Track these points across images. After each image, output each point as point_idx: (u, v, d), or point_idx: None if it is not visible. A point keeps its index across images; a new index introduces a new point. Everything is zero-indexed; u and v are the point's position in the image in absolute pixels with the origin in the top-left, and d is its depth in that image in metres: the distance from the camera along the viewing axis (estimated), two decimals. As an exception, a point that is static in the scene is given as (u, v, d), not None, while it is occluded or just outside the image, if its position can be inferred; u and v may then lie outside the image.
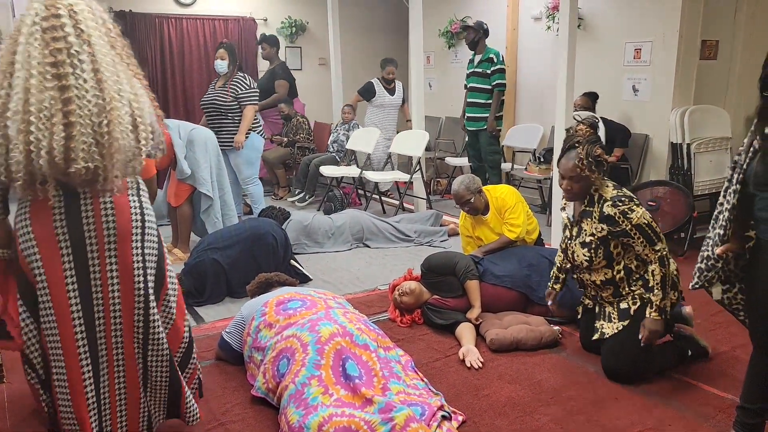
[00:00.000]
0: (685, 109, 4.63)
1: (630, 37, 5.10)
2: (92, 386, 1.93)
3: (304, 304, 2.69)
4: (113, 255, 1.90)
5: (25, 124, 1.72)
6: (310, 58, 8.18)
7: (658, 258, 2.51)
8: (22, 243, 1.86)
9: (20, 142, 1.72)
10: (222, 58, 4.98)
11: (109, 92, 1.80)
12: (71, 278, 1.86)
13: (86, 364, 1.90)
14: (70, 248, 1.85)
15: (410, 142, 5.83)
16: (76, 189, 1.83)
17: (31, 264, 1.86)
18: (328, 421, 2.11)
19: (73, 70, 1.76)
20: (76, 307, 1.88)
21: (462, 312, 3.18)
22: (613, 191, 2.59)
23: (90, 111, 1.77)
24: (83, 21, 1.80)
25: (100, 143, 1.78)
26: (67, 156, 1.74)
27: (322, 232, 4.72)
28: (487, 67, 5.54)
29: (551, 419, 2.38)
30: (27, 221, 1.84)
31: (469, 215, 3.74)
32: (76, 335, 1.88)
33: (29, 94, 1.73)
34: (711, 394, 2.54)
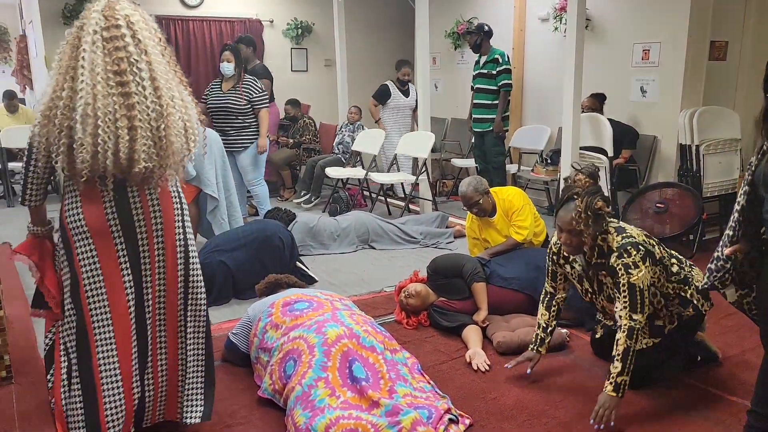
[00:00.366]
0: (694, 111, 4.60)
1: (638, 38, 5.07)
2: (137, 365, 2.07)
3: (310, 305, 2.68)
4: (161, 242, 2.06)
5: (92, 126, 1.86)
6: (316, 60, 8.18)
7: (628, 328, 2.23)
8: (75, 234, 1.97)
9: (88, 143, 1.86)
10: (228, 61, 5.00)
11: (165, 99, 1.96)
12: (125, 265, 2.02)
13: (134, 344, 2.06)
14: (122, 237, 2.00)
15: (416, 143, 5.83)
16: (125, 185, 1.98)
17: (83, 254, 1.98)
18: (335, 424, 2.10)
19: (133, 78, 1.91)
20: (131, 290, 2.03)
21: (469, 314, 3.17)
22: (619, 239, 2.33)
23: (149, 116, 1.93)
24: (139, 31, 1.95)
25: (158, 145, 1.95)
26: (131, 157, 1.91)
27: (327, 234, 4.72)
28: (492, 67, 5.55)
29: (559, 423, 2.36)
30: (79, 215, 1.97)
31: (476, 217, 3.73)
32: (131, 319, 2.04)
33: (95, 98, 1.87)
34: (721, 398, 2.52)
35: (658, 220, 4.49)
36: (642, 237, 2.37)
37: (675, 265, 2.45)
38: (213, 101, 5.12)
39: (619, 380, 2.23)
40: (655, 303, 2.39)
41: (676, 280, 2.42)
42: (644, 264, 2.27)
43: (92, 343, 2.01)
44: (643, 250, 2.29)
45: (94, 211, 1.97)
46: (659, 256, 2.39)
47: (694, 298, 2.44)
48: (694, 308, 2.42)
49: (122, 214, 2.00)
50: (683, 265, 2.50)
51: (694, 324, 2.50)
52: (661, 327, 2.44)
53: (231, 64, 5.02)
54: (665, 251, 2.47)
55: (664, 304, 2.41)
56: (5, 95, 7.20)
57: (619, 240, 2.32)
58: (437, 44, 7.19)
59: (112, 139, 1.88)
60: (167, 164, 1.98)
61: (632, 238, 2.32)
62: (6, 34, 9.96)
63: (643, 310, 2.25)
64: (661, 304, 2.40)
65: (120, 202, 2.00)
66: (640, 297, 2.25)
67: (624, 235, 2.33)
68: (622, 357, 2.23)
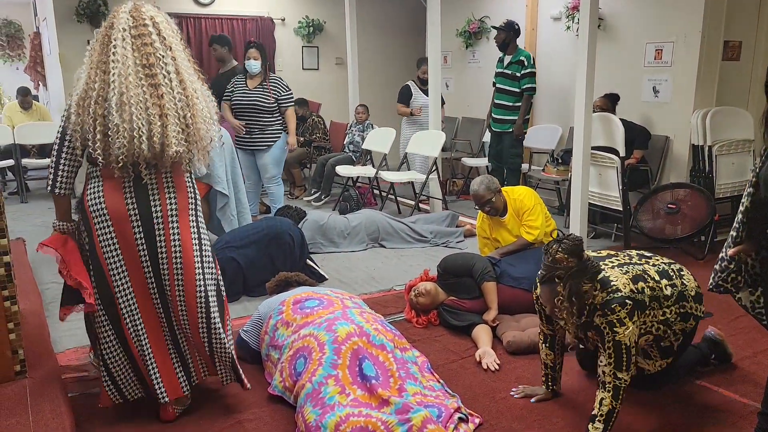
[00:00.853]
0: (707, 111, 4.57)
1: (651, 38, 5.04)
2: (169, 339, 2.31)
3: (321, 303, 2.69)
4: (176, 227, 2.23)
5: (128, 114, 2.05)
6: (327, 58, 8.20)
7: (613, 387, 2.07)
8: (97, 221, 2.16)
9: (124, 129, 2.05)
10: (255, 58, 5.02)
11: (189, 89, 2.17)
12: (142, 248, 2.19)
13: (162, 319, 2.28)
14: (140, 222, 2.18)
15: (427, 142, 5.82)
16: (142, 175, 2.15)
17: (105, 239, 2.17)
18: (345, 421, 2.12)
19: (161, 71, 2.12)
20: (148, 271, 2.21)
21: (478, 314, 3.17)
22: (603, 295, 2.11)
23: (176, 104, 2.13)
24: (164, 30, 2.17)
25: (185, 131, 2.15)
26: (163, 142, 2.10)
27: (337, 232, 4.73)
28: (517, 69, 5.45)
29: (568, 423, 2.36)
30: (101, 201, 2.16)
31: (486, 217, 3.72)
32: (154, 299, 2.25)
33: (128, 89, 2.06)
34: (732, 400, 2.50)
35: (669, 220, 4.47)
36: (629, 287, 2.15)
37: (668, 287, 2.27)
38: (239, 98, 5.11)
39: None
40: (654, 331, 2.28)
41: (672, 303, 2.27)
42: (631, 320, 2.09)
43: (123, 323, 2.22)
44: (629, 305, 2.09)
45: (115, 197, 2.15)
46: (650, 294, 2.20)
47: (694, 310, 2.33)
48: (695, 318, 2.34)
49: (140, 200, 2.17)
50: (673, 278, 2.32)
51: (694, 330, 2.41)
52: (670, 347, 2.34)
53: (258, 62, 5.02)
54: (654, 278, 2.27)
55: (665, 328, 2.29)
56: (19, 92, 7.28)
57: (604, 296, 2.11)
58: (449, 43, 7.18)
59: (146, 125, 2.07)
60: (195, 149, 2.19)
61: (618, 292, 2.11)
62: (20, 31, 10.04)
63: (629, 368, 2.08)
64: (661, 330, 2.28)
65: (138, 189, 2.17)
66: (626, 355, 2.07)
67: (609, 290, 2.12)
68: (605, 419, 2.06)
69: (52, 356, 2.70)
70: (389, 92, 8.50)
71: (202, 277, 2.27)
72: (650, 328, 2.26)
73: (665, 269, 2.34)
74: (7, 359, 2.41)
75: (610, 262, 2.30)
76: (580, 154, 4.29)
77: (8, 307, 2.40)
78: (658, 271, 2.32)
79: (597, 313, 2.10)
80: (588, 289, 2.08)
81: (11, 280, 2.40)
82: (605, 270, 2.20)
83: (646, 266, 2.32)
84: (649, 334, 2.27)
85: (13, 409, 2.23)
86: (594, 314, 2.11)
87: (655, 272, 2.30)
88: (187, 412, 2.42)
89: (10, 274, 2.39)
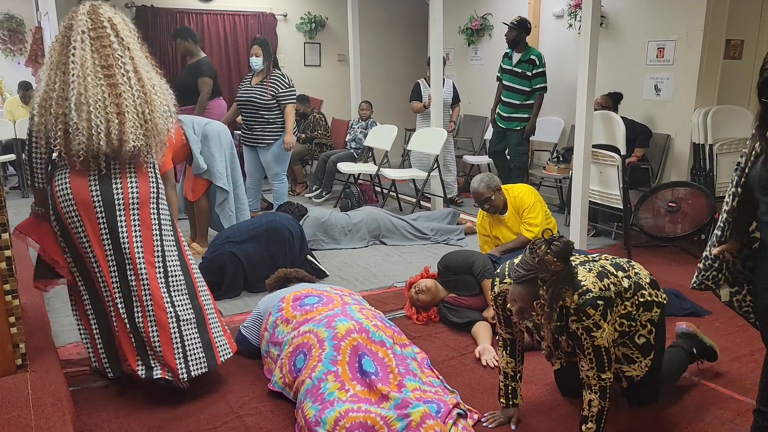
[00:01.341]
0: (708, 110, 4.57)
1: (653, 36, 5.04)
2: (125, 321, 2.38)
3: (320, 300, 2.70)
4: (137, 216, 2.35)
5: (86, 113, 2.19)
6: (329, 54, 8.20)
7: (600, 388, 2.06)
8: (63, 205, 2.31)
9: (83, 128, 2.20)
10: (257, 55, 5.01)
11: (147, 86, 2.31)
12: (105, 232, 2.32)
13: (121, 303, 2.36)
14: (103, 208, 2.31)
15: (428, 139, 5.82)
16: (108, 165, 2.30)
17: (72, 222, 2.32)
18: (345, 416, 2.13)
19: (119, 70, 2.25)
20: (110, 256, 2.34)
21: (478, 311, 3.18)
22: (575, 298, 2.00)
23: (135, 101, 2.27)
24: (121, 31, 2.30)
25: (144, 127, 2.29)
26: (121, 138, 2.24)
27: (339, 229, 4.73)
28: (527, 68, 5.38)
29: (566, 420, 2.37)
30: (67, 188, 2.30)
31: (487, 215, 3.73)
32: (113, 281, 2.35)
33: (86, 89, 2.19)
34: (729, 398, 2.51)
35: (669, 219, 4.47)
36: (598, 286, 2.05)
37: (624, 279, 2.19)
38: (240, 95, 5.13)
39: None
40: (617, 326, 2.16)
41: (631, 295, 2.18)
42: (605, 321, 2.03)
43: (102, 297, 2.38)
44: (601, 306, 2.02)
45: (81, 185, 2.30)
46: (615, 291, 2.12)
47: (653, 296, 2.21)
48: (658, 305, 2.22)
49: (104, 188, 2.31)
50: (627, 269, 2.24)
51: (664, 317, 2.28)
52: (647, 342, 2.22)
53: (259, 59, 5.01)
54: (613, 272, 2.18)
55: (628, 323, 2.19)
56: (20, 86, 7.29)
57: (576, 299, 2.00)
58: (451, 40, 7.17)
59: (104, 123, 2.21)
60: (153, 143, 2.34)
61: (589, 293, 2.01)
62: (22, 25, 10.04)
63: (610, 367, 2.06)
64: (625, 325, 2.18)
65: (103, 178, 2.31)
66: (606, 356, 2.04)
67: (580, 291, 2.02)
68: (597, 418, 2.07)
69: (53, 350, 2.71)
70: (391, 89, 8.52)
71: (163, 267, 2.40)
72: (614, 324, 2.15)
73: (618, 262, 2.27)
74: (9, 353, 2.42)
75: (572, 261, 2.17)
76: (581, 152, 4.29)
77: (9, 301, 2.40)
78: (613, 264, 2.24)
79: (571, 317, 2.01)
80: (568, 296, 2.00)
81: (13, 275, 2.41)
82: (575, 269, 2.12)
83: (602, 261, 2.24)
84: (614, 332, 2.16)
85: (15, 402, 2.24)
86: (568, 318, 2.02)
87: (611, 265, 2.22)
88: (187, 407, 2.43)
89: (11, 268, 2.40)
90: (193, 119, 4.46)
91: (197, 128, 4.36)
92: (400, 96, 8.68)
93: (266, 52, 5.04)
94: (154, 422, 2.33)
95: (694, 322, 3.03)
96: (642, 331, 2.20)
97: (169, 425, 2.31)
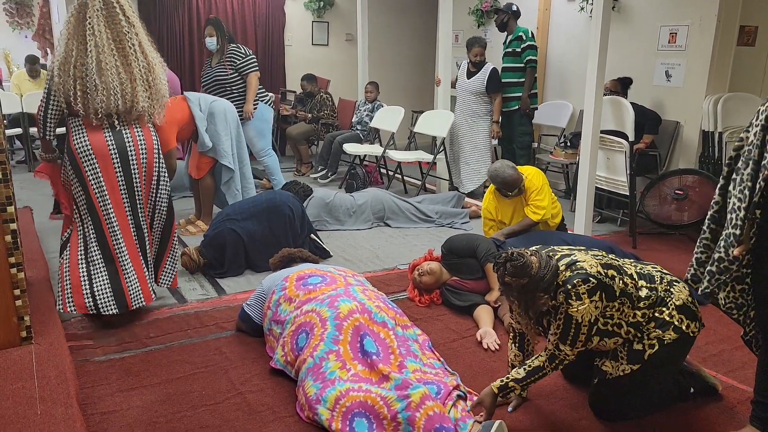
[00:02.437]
0: (719, 97, 4.52)
1: (665, 21, 4.97)
2: (140, 250, 2.93)
3: (323, 280, 2.70)
4: (144, 161, 2.88)
5: (105, 77, 2.67)
6: (337, 34, 8.13)
7: (551, 354, 2.09)
8: (82, 156, 2.75)
9: (101, 89, 2.67)
10: (210, 35, 5.02)
11: (149, 58, 2.81)
12: (121, 179, 2.82)
13: (135, 235, 2.90)
14: (118, 156, 2.80)
15: (435, 122, 5.79)
16: (115, 122, 2.78)
17: (92, 172, 2.77)
18: (345, 395, 2.14)
19: (128, 43, 2.73)
20: (125, 197, 2.84)
21: (481, 294, 3.18)
22: (567, 274, 2.04)
23: (141, 70, 2.78)
24: (127, 11, 2.77)
25: (148, 91, 2.82)
26: (133, 99, 2.76)
27: (343, 210, 4.73)
28: (517, 45, 5.52)
29: (567, 403, 2.38)
30: (86, 141, 2.76)
31: (492, 198, 3.72)
32: (128, 217, 2.86)
33: (101, 57, 2.66)
34: (730, 386, 2.51)
35: (676, 206, 4.45)
36: (597, 269, 2.04)
37: (644, 288, 2.14)
38: (204, 78, 5.13)
39: (511, 384, 2.12)
40: (623, 334, 2.12)
41: (645, 306, 2.12)
42: (589, 298, 1.99)
43: (107, 234, 2.82)
44: (593, 283, 1.99)
45: (98, 138, 2.76)
46: (621, 287, 2.08)
47: (675, 319, 2.11)
48: (676, 330, 2.11)
49: (118, 142, 2.79)
50: (657, 283, 2.18)
51: (680, 349, 2.17)
52: (641, 352, 2.12)
53: (213, 38, 5.01)
54: (632, 275, 2.16)
55: (635, 332, 2.13)
56: (27, 60, 7.26)
57: (567, 274, 2.03)
58: (460, 21, 7.09)
59: (119, 86, 2.70)
60: (156, 105, 2.87)
61: (583, 270, 2.02)
62: (30, -1, 9.99)
63: (574, 344, 2.03)
64: (631, 333, 2.13)
65: (116, 134, 2.79)
66: (574, 330, 2.01)
67: (573, 268, 2.04)
68: (531, 371, 2.10)
69: (57, 324, 2.73)
70: (399, 70, 8.46)
71: (163, 200, 3.00)
72: (619, 330, 2.11)
73: (651, 273, 2.21)
74: (13, 325, 2.45)
75: (585, 252, 2.18)
76: (589, 138, 4.25)
77: (14, 274, 2.42)
78: (640, 272, 2.20)
79: (559, 289, 2.03)
80: (545, 301, 2.04)
81: (18, 248, 2.43)
82: (575, 254, 2.13)
83: (627, 265, 2.20)
84: (618, 336, 2.12)
85: (20, 373, 2.26)
86: (557, 294, 2.04)
87: (635, 272, 2.19)
88: (189, 382, 2.45)
89: (16, 241, 2.42)
90: (199, 96, 4.44)
91: (203, 105, 4.34)
92: (408, 77, 8.63)
93: (220, 31, 5.02)
94: (157, 397, 2.35)
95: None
96: (644, 341, 2.13)
97: (171, 400, 2.33)
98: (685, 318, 2.13)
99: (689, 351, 2.26)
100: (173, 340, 2.83)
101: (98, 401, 2.31)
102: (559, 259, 2.11)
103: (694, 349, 2.77)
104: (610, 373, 2.17)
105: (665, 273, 2.26)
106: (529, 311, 2.09)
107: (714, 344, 2.89)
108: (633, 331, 2.13)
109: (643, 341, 2.13)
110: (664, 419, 2.29)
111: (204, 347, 2.76)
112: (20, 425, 1.94)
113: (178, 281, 3.47)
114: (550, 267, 2.06)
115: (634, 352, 2.13)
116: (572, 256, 2.12)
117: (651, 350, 2.11)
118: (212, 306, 3.23)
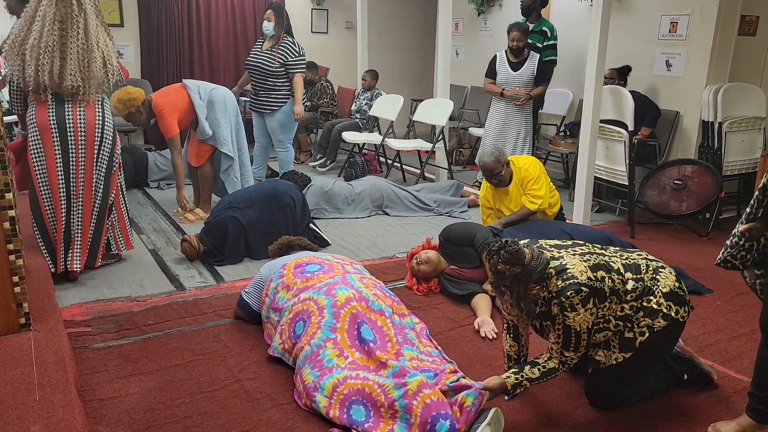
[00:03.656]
0: (719, 87, 4.50)
1: (666, 10, 4.94)
2: (65, 219, 3.18)
3: (321, 268, 2.71)
4: (83, 138, 3.13)
5: (36, 53, 2.96)
6: (337, 22, 8.08)
7: (560, 361, 2.11)
8: (30, 131, 3.10)
9: (32, 64, 2.97)
10: (269, 20, 4.92)
11: (91, 42, 3.05)
12: (57, 151, 3.10)
13: (65, 205, 3.17)
14: (57, 132, 3.09)
15: (434, 110, 5.77)
16: (63, 98, 3.08)
17: (34, 144, 3.09)
18: (343, 383, 2.15)
19: (71, 26, 2.99)
20: (60, 169, 3.12)
21: (479, 283, 3.19)
22: (559, 283, 2.04)
23: (77, 51, 3.03)
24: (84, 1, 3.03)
25: (81, 71, 3.05)
26: (61, 76, 3.01)
27: (342, 198, 4.73)
28: (538, 40, 5.31)
29: (564, 393, 2.39)
30: (33, 116, 3.09)
31: (490, 187, 3.71)
32: (60, 188, 3.14)
33: (41, 37, 2.94)
34: (727, 376, 2.52)
35: (675, 196, 4.45)
36: (586, 275, 2.05)
37: (630, 281, 2.14)
38: (249, 59, 5.07)
39: (525, 383, 2.10)
40: (612, 327, 2.14)
41: (632, 298, 2.13)
42: (584, 307, 2.02)
43: (41, 203, 3.15)
44: (585, 292, 2.02)
45: (42, 113, 3.07)
46: (611, 286, 2.09)
47: (663, 307, 2.12)
48: (666, 317, 2.12)
49: (59, 117, 3.08)
50: (643, 273, 2.18)
51: (671, 335, 2.18)
52: (632, 339, 2.14)
53: (271, 23, 4.92)
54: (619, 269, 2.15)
55: (624, 324, 2.15)
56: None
57: (559, 284, 2.04)
58: (460, 10, 7.05)
59: (48, 63, 2.96)
60: (89, 85, 3.08)
61: (573, 279, 2.03)
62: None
63: (577, 349, 2.08)
64: (620, 325, 2.15)
65: (58, 110, 3.08)
66: (575, 338, 2.06)
67: (564, 277, 2.05)
68: (546, 372, 2.11)
69: (56, 310, 2.73)
70: (399, 58, 8.42)
71: (100, 179, 3.23)
72: (608, 324, 2.13)
73: (637, 263, 2.21)
74: (12, 312, 2.45)
75: (572, 251, 2.19)
76: (588, 127, 4.25)
77: (13, 260, 2.42)
78: (626, 264, 2.20)
79: (553, 301, 2.05)
80: (537, 292, 2.06)
81: (16, 234, 2.42)
82: (564, 257, 2.12)
83: (613, 258, 2.20)
84: (607, 330, 2.14)
85: (18, 360, 2.27)
86: (551, 303, 2.06)
87: (621, 265, 2.18)
88: (187, 370, 2.46)
89: (15, 228, 2.41)
90: (199, 84, 4.42)
91: (203, 93, 4.33)
92: (407, 65, 8.59)
93: (279, 18, 4.93)
94: (155, 384, 2.36)
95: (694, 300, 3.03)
96: (635, 329, 2.14)
97: (169, 387, 2.34)
98: (674, 304, 2.14)
99: (680, 335, 2.28)
100: (172, 327, 2.84)
101: (97, 388, 2.32)
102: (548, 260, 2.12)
103: (690, 340, 2.80)
104: (604, 362, 2.18)
105: (651, 259, 2.27)
106: (521, 302, 2.09)
107: (710, 334, 2.91)
108: (622, 324, 2.14)
109: (633, 330, 2.14)
110: (659, 408, 2.30)
111: (202, 335, 2.77)
112: (19, 411, 1.95)
113: (177, 269, 3.48)
114: (542, 260, 2.07)
115: (626, 341, 2.15)
116: (561, 259, 2.12)
117: (642, 338, 2.13)
118: (210, 293, 3.24)
